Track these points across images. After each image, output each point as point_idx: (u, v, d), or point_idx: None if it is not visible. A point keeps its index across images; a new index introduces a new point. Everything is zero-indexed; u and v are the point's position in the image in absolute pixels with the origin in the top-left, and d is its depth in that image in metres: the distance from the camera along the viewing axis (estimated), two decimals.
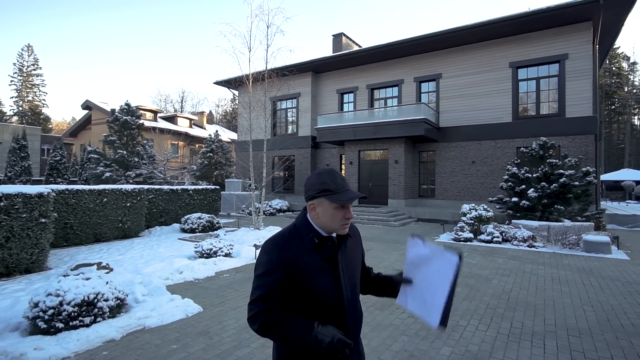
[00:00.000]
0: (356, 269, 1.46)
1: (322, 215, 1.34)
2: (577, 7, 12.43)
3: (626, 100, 51.31)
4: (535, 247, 8.80)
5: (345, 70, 19.18)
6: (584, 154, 12.71)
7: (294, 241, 1.34)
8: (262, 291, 1.29)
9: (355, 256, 1.48)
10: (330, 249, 1.36)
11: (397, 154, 15.91)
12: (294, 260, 1.30)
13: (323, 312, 1.32)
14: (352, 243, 1.47)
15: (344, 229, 1.36)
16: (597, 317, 4.43)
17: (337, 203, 1.30)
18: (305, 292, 1.30)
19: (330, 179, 1.34)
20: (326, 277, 1.33)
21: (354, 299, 1.41)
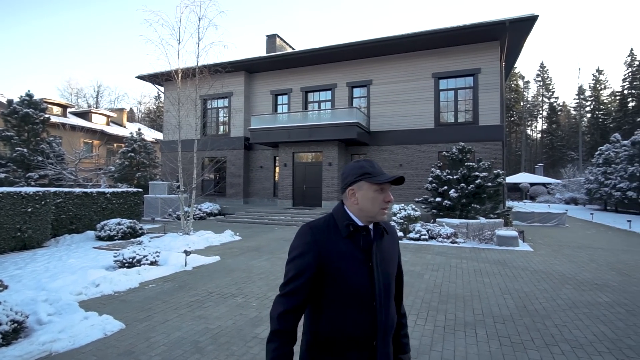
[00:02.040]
0: (391, 266, 1.41)
1: (361, 199, 1.33)
2: (487, 27, 13.95)
3: (522, 114, 59.14)
4: (457, 243, 9.57)
5: (279, 71, 19.00)
6: (494, 158, 14.24)
7: (328, 227, 1.34)
8: (291, 274, 1.30)
9: (391, 254, 1.43)
10: (365, 239, 1.33)
11: (330, 157, 16.18)
12: (327, 244, 1.29)
13: (352, 303, 1.28)
14: (389, 240, 1.44)
15: (383, 214, 1.34)
16: (515, 304, 4.89)
17: (377, 182, 1.31)
18: (336, 279, 1.28)
19: (368, 165, 1.36)
20: (358, 266, 1.29)
21: (388, 297, 1.34)
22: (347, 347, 1.27)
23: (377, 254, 1.34)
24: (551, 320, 4.29)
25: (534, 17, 13.26)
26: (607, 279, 6.19)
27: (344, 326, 1.27)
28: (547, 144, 58.13)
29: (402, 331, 1.54)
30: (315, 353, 1.31)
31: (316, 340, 1.31)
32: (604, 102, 54.75)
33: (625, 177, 21.34)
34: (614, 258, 8.03)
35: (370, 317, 1.28)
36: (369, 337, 1.28)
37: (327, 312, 1.29)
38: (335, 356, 1.28)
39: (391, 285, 1.38)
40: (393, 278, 1.41)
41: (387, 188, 1.35)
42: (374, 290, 1.29)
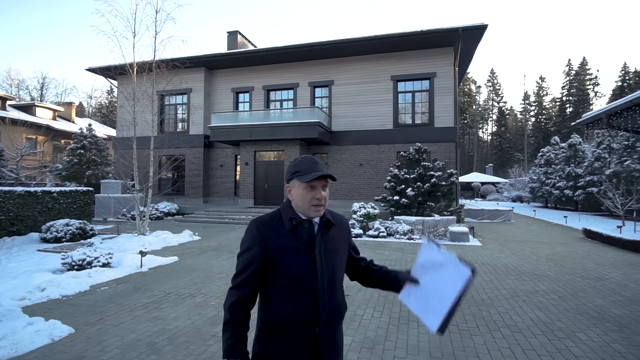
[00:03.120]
0: (337, 257, 1.46)
1: (295, 196, 1.41)
2: (442, 33, 14.68)
3: (474, 117, 62.51)
4: (413, 239, 10.01)
5: (241, 69, 18.72)
6: (448, 158, 15.00)
7: (273, 222, 1.41)
8: (240, 267, 1.39)
9: (338, 245, 1.48)
10: (308, 232, 1.40)
11: (292, 156, 16.21)
12: (272, 238, 1.37)
13: (296, 293, 1.35)
14: (337, 231, 1.49)
15: (315, 211, 1.38)
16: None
17: (302, 181, 1.36)
18: (280, 270, 1.35)
19: (301, 162, 1.42)
20: (301, 258, 1.36)
21: (332, 287, 1.40)
22: (291, 333, 1.34)
23: (321, 246, 1.40)
24: (495, 308, 4.66)
25: (484, 26, 14.12)
26: (545, 270, 6.79)
27: (289, 314, 1.34)
28: (496, 145, 61.98)
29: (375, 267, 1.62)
30: (264, 339, 1.38)
31: (264, 327, 1.38)
32: (546, 108, 59.35)
33: (563, 177, 23.34)
34: (551, 250, 8.81)
35: (313, 305, 1.35)
36: (312, 325, 1.35)
37: (274, 301, 1.37)
38: (280, 342, 1.35)
39: (336, 275, 1.44)
40: (340, 268, 1.48)
41: (319, 186, 1.38)
42: (316, 280, 1.36)
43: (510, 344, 3.63)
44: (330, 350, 1.39)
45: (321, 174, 1.36)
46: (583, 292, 5.39)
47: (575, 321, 4.23)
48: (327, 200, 1.42)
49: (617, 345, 3.60)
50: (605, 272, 6.58)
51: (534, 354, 3.40)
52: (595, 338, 3.76)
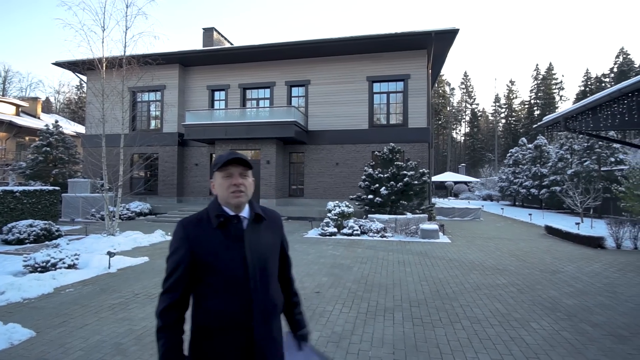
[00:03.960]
0: (269, 252, 1.45)
1: (217, 188, 1.42)
2: (416, 36, 15.05)
3: (448, 118, 64.15)
4: (386, 237, 10.25)
5: (217, 66, 18.49)
6: (420, 158, 15.39)
7: (200, 221, 1.40)
8: (169, 270, 1.37)
9: (269, 240, 1.47)
10: (236, 228, 1.39)
11: (268, 155, 16.19)
12: (198, 237, 1.36)
13: (228, 290, 1.34)
14: (268, 226, 1.49)
15: (235, 197, 1.39)
16: (430, 289, 5.45)
17: (216, 168, 1.39)
18: (210, 269, 1.34)
19: (220, 157, 1.43)
20: (230, 254, 1.35)
21: (265, 281, 1.39)
22: (226, 332, 1.32)
23: (251, 241, 1.39)
24: (458, 302, 4.88)
25: (456, 30, 14.58)
26: (507, 264, 7.13)
27: (222, 313, 1.32)
28: (469, 146, 63.90)
29: (295, 309, 1.62)
30: (198, 341, 1.36)
31: (198, 328, 1.36)
32: (515, 110, 61.72)
33: (529, 176, 24.40)
34: (514, 246, 9.25)
35: (246, 301, 1.33)
36: (247, 320, 1.33)
37: (206, 300, 1.35)
38: (215, 342, 1.33)
39: (269, 269, 1.43)
40: (272, 262, 1.46)
41: (236, 173, 1.40)
42: (248, 276, 1.34)
43: (469, 334, 3.83)
44: (268, 346, 1.37)
45: (233, 157, 1.38)
46: (540, 284, 5.72)
47: (530, 312, 4.50)
48: (248, 188, 1.42)
49: (565, 332, 3.87)
50: (562, 266, 6.99)
51: (490, 343, 3.61)
52: (546, 327, 4.02)
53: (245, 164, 1.41)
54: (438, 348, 3.50)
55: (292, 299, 1.62)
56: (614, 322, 4.15)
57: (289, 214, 15.69)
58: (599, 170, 17.72)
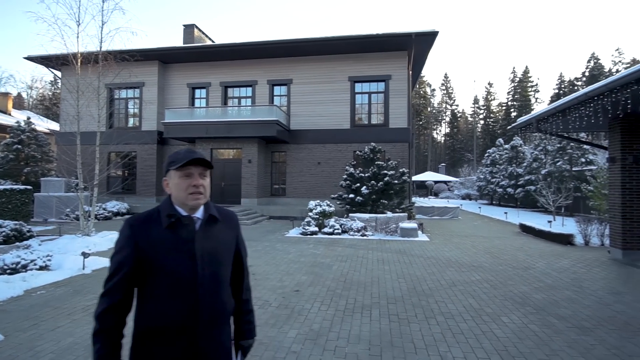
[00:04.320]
0: (222, 254, 1.40)
1: (172, 188, 1.36)
2: (396, 38, 15.26)
3: (429, 118, 65.25)
4: (366, 235, 10.38)
5: (197, 64, 18.22)
6: (401, 157, 15.62)
7: (149, 220, 1.34)
8: (111, 271, 1.31)
9: (223, 243, 1.42)
10: (188, 229, 1.34)
11: (250, 154, 16.10)
12: (146, 237, 1.30)
13: (175, 293, 1.29)
14: (223, 227, 1.44)
15: (194, 199, 1.34)
16: (407, 286, 5.57)
17: (174, 167, 1.32)
18: (157, 270, 1.29)
19: (177, 153, 1.37)
20: (179, 256, 1.30)
21: (215, 285, 1.35)
22: (170, 336, 1.27)
23: (203, 243, 1.34)
24: (433, 298, 5.02)
25: (435, 32, 14.86)
26: (482, 261, 7.36)
27: (167, 316, 1.27)
28: (449, 146, 65.20)
29: (244, 317, 1.55)
30: (140, 346, 1.30)
31: (140, 332, 1.30)
32: (493, 111, 63.34)
33: (506, 176, 25.14)
34: (489, 244, 9.54)
35: (193, 305, 1.29)
36: (192, 325, 1.28)
37: (151, 302, 1.29)
38: (158, 345, 1.28)
39: (220, 272, 1.38)
40: (224, 265, 1.42)
41: (196, 173, 1.34)
42: (196, 279, 1.30)
43: (443, 329, 3.95)
44: (213, 352, 1.33)
45: (194, 157, 1.32)
46: (512, 280, 5.93)
47: (501, 306, 4.67)
48: (207, 189, 1.38)
49: (533, 325, 4.04)
50: (533, 262, 7.27)
51: (462, 337, 3.74)
52: (516, 320, 4.19)
53: (206, 164, 1.36)
54: (413, 343, 3.60)
55: (242, 306, 1.55)
56: (579, 315, 4.36)
57: (270, 214, 15.66)
58: (571, 170, 18.44)
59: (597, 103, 6.05)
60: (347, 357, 3.29)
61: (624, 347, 3.52)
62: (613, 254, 7.62)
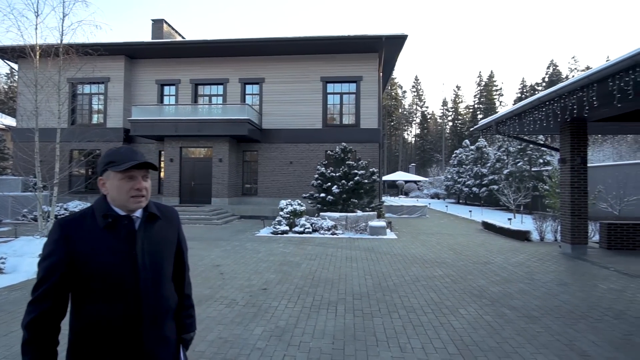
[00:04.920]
0: (164, 252, 1.39)
1: (111, 189, 1.30)
2: (367, 40, 15.55)
3: (400, 119, 66.65)
4: (336, 234, 10.54)
5: (167, 60, 17.75)
6: (371, 157, 15.95)
7: (83, 221, 1.28)
8: (40, 276, 1.23)
9: (164, 240, 1.41)
10: (127, 228, 1.30)
11: (221, 153, 15.89)
12: (81, 238, 1.24)
13: (115, 293, 1.25)
14: (164, 225, 1.42)
15: (135, 202, 1.30)
16: (373, 282, 5.75)
17: (117, 170, 1.27)
18: (94, 272, 1.23)
19: (117, 152, 1.32)
20: (119, 256, 1.26)
21: (157, 282, 1.33)
22: (111, 337, 1.24)
23: (144, 242, 1.32)
24: (397, 293, 5.21)
25: (404, 36, 15.27)
26: (445, 257, 7.68)
27: (109, 316, 1.23)
28: (419, 146, 66.94)
29: (184, 312, 1.55)
30: (82, 346, 1.25)
31: (81, 334, 1.25)
32: (461, 113, 65.66)
33: (471, 176, 26.17)
34: (453, 241, 9.96)
35: (136, 305, 1.26)
36: (135, 325, 1.26)
37: (90, 304, 1.24)
38: (102, 345, 1.24)
39: (163, 270, 1.37)
40: (166, 263, 1.41)
41: (138, 175, 1.31)
42: (138, 278, 1.27)
43: (404, 322, 4.13)
44: (158, 348, 1.32)
45: (140, 162, 1.29)
46: (471, 275, 6.25)
47: (460, 299, 4.93)
48: (149, 191, 1.35)
49: (487, 316, 4.31)
50: (492, 258, 7.67)
51: (422, 329, 3.93)
52: (472, 312, 4.45)
53: (151, 167, 1.33)
54: (375, 336, 3.75)
55: (184, 301, 1.56)
56: (529, 305, 4.68)
57: (241, 213, 15.54)
58: (530, 170, 19.48)
59: (549, 108, 6.49)
60: (310, 351, 3.39)
61: (566, 333, 3.83)
62: (563, 248, 8.18)
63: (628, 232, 8.17)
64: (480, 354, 3.36)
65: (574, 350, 3.42)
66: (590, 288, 5.46)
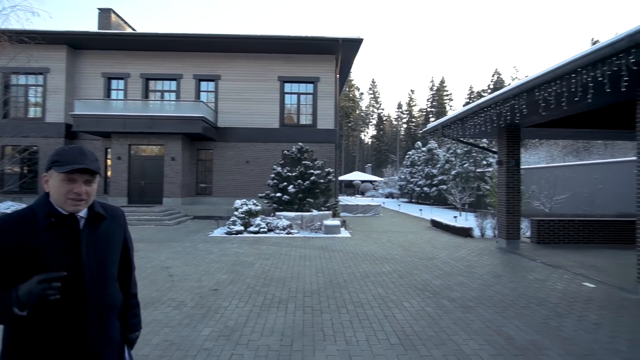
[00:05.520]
0: (109, 251, 1.39)
1: (51, 188, 1.29)
2: (324, 41, 15.80)
3: (357, 121, 68.10)
4: (292, 233, 10.62)
5: (115, 52, 16.78)
6: (328, 158, 16.21)
7: (23, 221, 1.25)
8: None
9: (111, 239, 1.41)
10: (70, 227, 1.29)
11: (174, 151, 15.35)
12: (20, 239, 1.21)
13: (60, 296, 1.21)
14: (110, 225, 1.42)
15: (72, 205, 1.28)
16: (324, 280, 5.91)
17: (59, 172, 1.26)
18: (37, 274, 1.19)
19: (63, 152, 1.30)
20: (63, 256, 1.25)
21: (102, 281, 1.33)
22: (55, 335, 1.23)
23: (89, 241, 1.31)
24: (347, 289, 5.40)
25: (360, 39, 15.69)
26: (394, 254, 8.05)
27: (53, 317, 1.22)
28: (375, 147, 68.86)
29: (130, 312, 1.57)
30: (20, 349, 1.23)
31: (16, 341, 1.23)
32: (415, 116, 68.47)
33: (423, 176, 27.43)
34: (403, 238, 10.43)
35: (80, 303, 1.26)
36: (80, 323, 1.26)
37: None
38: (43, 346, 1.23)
39: (108, 269, 1.38)
40: (112, 262, 1.42)
41: (80, 179, 1.28)
42: (83, 278, 1.27)
43: (352, 317, 4.31)
44: (102, 346, 1.33)
45: (80, 167, 1.26)
46: (417, 270, 6.62)
47: (405, 293, 5.22)
48: (91, 196, 1.33)
49: (428, 308, 4.61)
50: (437, 253, 8.16)
51: (367, 323, 4.13)
52: (415, 305, 4.73)
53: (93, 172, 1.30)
54: (322, 331, 3.88)
55: (129, 301, 1.58)
56: (466, 296, 5.07)
57: (194, 214, 15.12)
58: (475, 171, 20.83)
59: (487, 114, 7.04)
60: (259, 349, 3.44)
61: (496, 320, 4.21)
62: (500, 243, 8.90)
63: (554, 228, 9.07)
64: (419, 342, 3.61)
65: (501, 335, 3.78)
66: (520, 279, 6.01)
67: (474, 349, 3.46)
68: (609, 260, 7.30)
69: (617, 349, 3.47)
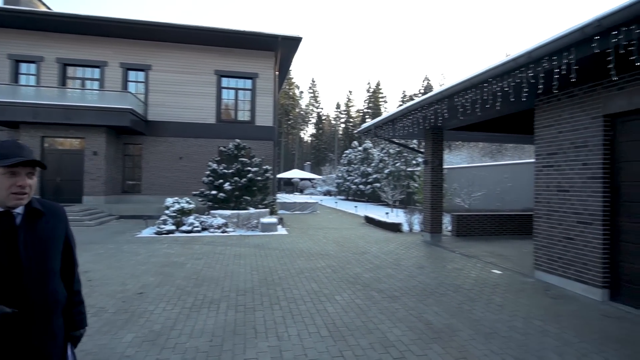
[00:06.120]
0: (49, 247, 1.39)
1: None
2: (263, 37, 15.61)
3: (297, 119, 68.44)
4: (227, 232, 10.38)
5: (25, 32, 14.81)
6: (266, 155, 16.07)
7: None
8: None
9: (50, 236, 1.40)
10: (6, 224, 1.27)
11: (96, 145, 14.05)
12: None
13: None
14: (49, 221, 1.41)
15: (16, 199, 1.28)
16: (259, 278, 5.88)
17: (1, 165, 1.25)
18: None
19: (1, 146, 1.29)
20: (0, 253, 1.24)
21: (43, 278, 1.33)
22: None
23: (27, 237, 1.31)
24: (281, 286, 5.45)
25: (299, 38, 15.77)
26: (329, 250, 8.28)
27: None
28: (314, 146, 69.79)
29: (74, 309, 1.59)
30: None
31: None
32: (352, 116, 70.72)
33: (359, 174, 28.49)
34: (338, 234, 10.77)
35: (21, 300, 1.26)
36: (22, 320, 1.26)
37: None
38: None
39: (48, 266, 1.37)
40: (52, 259, 1.41)
41: (22, 172, 1.29)
42: (21, 275, 1.26)
43: (284, 313, 4.37)
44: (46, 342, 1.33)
45: (25, 159, 1.27)
46: (350, 264, 6.89)
47: (337, 287, 5.41)
48: (32, 189, 1.33)
49: (358, 300, 4.84)
50: (369, 248, 8.57)
51: (300, 317, 4.22)
52: (346, 297, 4.94)
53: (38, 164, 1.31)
54: (254, 329, 3.88)
55: (73, 298, 1.60)
56: (393, 287, 5.41)
57: (120, 213, 14.03)
58: (406, 170, 22.17)
59: (414, 116, 7.55)
60: (187, 351, 3.34)
61: (418, 307, 4.57)
62: (425, 237, 9.62)
63: (471, 222, 10.05)
64: (348, 333, 3.79)
65: (421, 321, 4.11)
66: (440, 269, 6.58)
67: (397, 336, 3.72)
68: (513, 250, 8.29)
69: (515, 326, 3.99)
